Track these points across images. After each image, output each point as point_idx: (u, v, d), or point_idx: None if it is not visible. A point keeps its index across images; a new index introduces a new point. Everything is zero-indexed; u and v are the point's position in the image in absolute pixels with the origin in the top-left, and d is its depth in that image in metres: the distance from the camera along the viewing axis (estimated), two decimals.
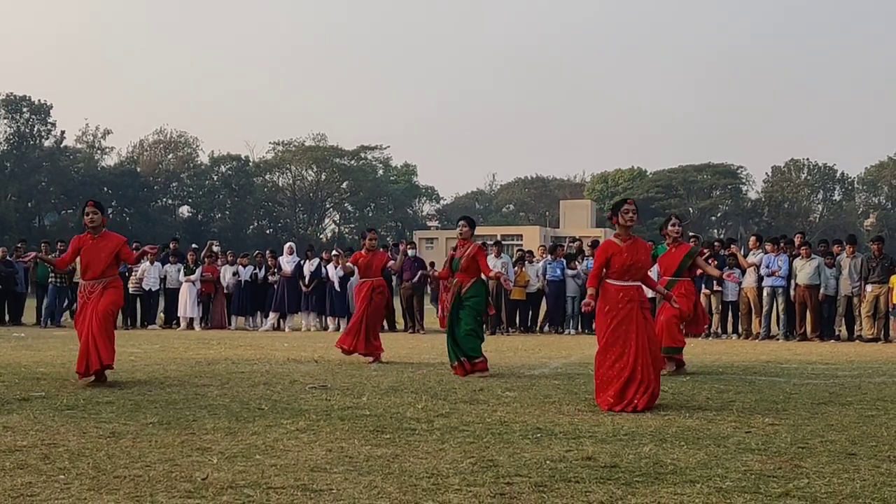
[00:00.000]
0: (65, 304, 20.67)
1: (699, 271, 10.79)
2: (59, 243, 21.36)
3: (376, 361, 11.32)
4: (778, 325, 16.93)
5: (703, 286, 16.87)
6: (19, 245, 21.48)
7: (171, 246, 20.65)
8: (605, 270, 7.56)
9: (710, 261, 17.07)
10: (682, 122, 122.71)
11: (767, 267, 16.80)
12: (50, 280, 20.13)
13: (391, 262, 12.19)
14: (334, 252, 19.60)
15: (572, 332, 18.50)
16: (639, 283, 7.58)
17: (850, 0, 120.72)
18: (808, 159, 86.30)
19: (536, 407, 7.21)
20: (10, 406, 7.00)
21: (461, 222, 10.19)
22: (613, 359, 7.36)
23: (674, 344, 9.96)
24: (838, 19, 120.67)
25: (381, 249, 12.20)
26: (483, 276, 10.06)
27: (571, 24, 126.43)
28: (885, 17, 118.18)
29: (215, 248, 21.26)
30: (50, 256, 8.92)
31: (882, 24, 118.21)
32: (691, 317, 10.29)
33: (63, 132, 71.14)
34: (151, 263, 19.37)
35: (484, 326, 10.47)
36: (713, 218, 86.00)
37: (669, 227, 10.27)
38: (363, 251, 11.76)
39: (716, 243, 18.52)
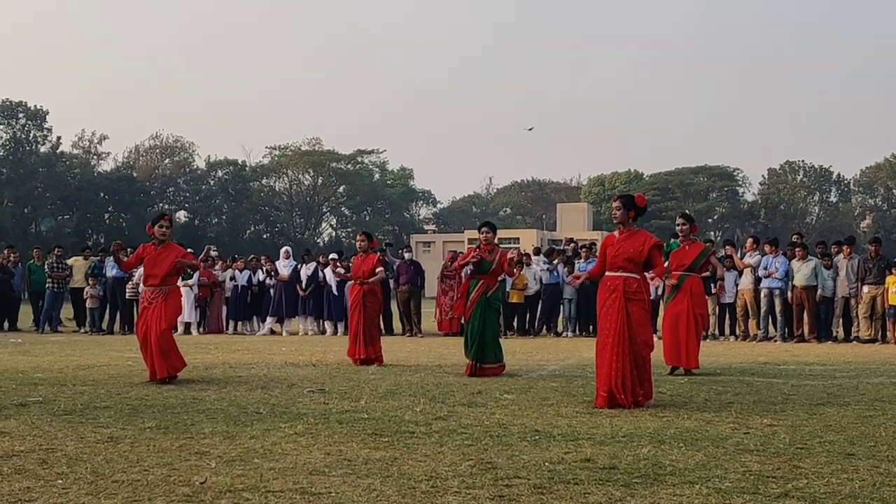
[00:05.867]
0: (61, 309, 20.70)
1: (708, 271, 11.28)
2: (56, 248, 21.27)
3: (378, 365, 11.38)
4: (775, 326, 16.93)
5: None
6: (9, 249, 21.42)
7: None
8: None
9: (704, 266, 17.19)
10: (677, 124, 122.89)
11: (765, 268, 16.81)
12: (47, 286, 20.12)
13: (379, 270, 11.83)
14: (331, 257, 19.53)
15: (570, 334, 18.49)
16: (630, 275, 7.57)
17: (845, 2, 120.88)
18: (803, 161, 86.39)
19: (535, 409, 7.21)
20: (7, 411, 6.98)
21: (484, 228, 10.66)
22: (598, 351, 7.57)
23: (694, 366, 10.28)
24: (833, 21, 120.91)
25: (373, 252, 12.13)
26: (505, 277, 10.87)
27: (565, 27, 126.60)
28: (881, 18, 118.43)
29: (213, 253, 21.23)
30: (121, 255, 9.96)
31: (877, 26, 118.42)
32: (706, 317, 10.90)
33: (59, 138, 70.93)
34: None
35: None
36: (710, 220, 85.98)
37: (676, 227, 10.72)
38: (359, 255, 11.99)
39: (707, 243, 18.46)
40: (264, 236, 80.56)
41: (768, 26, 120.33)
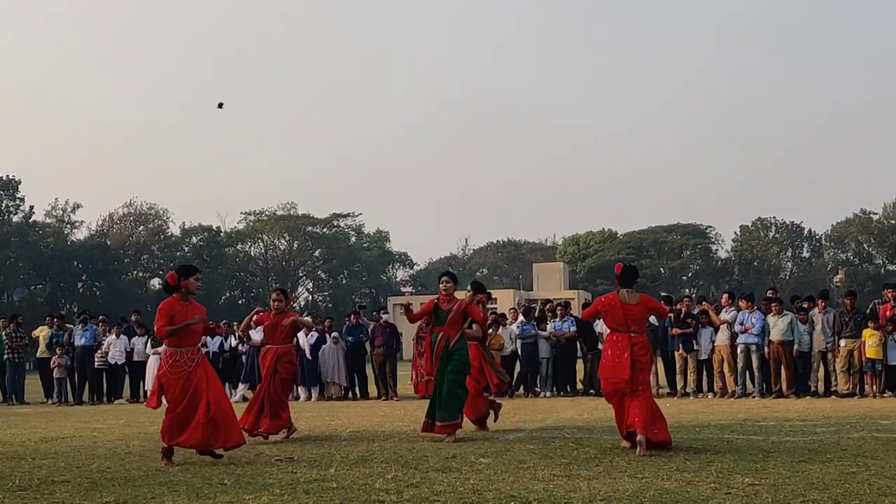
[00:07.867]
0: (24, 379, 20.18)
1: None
2: (17, 317, 20.59)
3: (291, 434, 10.45)
4: (753, 382, 16.80)
5: (681, 346, 16.83)
6: None
7: (133, 318, 20.60)
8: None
9: (687, 322, 17.05)
10: (650, 183, 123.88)
11: (741, 324, 16.73)
12: (6, 357, 19.46)
13: (289, 321, 10.59)
14: (305, 316, 19.25)
15: (547, 394, 18.25)
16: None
17: (815, 60, 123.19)
18: (775, 217, 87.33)
19: (511, 473, 6.99)
20: None
21: (444, 278, 10.46)
22: None
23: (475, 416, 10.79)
24: (802, 75, 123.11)
25: (292, 312, 10.93)
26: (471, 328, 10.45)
27: (539, 85, 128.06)
28: (849, 72, 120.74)
29: None
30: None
31: (845, 81, 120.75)
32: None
33: (32, 207, 70.58)
34: (118, 336, 19.09)
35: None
36: (684, 278, 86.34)
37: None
38: (271, 313, 10.69)
39: (679, 298, 18.37)
40: (240, 302, 79.89)
41: (736, 85, 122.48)
